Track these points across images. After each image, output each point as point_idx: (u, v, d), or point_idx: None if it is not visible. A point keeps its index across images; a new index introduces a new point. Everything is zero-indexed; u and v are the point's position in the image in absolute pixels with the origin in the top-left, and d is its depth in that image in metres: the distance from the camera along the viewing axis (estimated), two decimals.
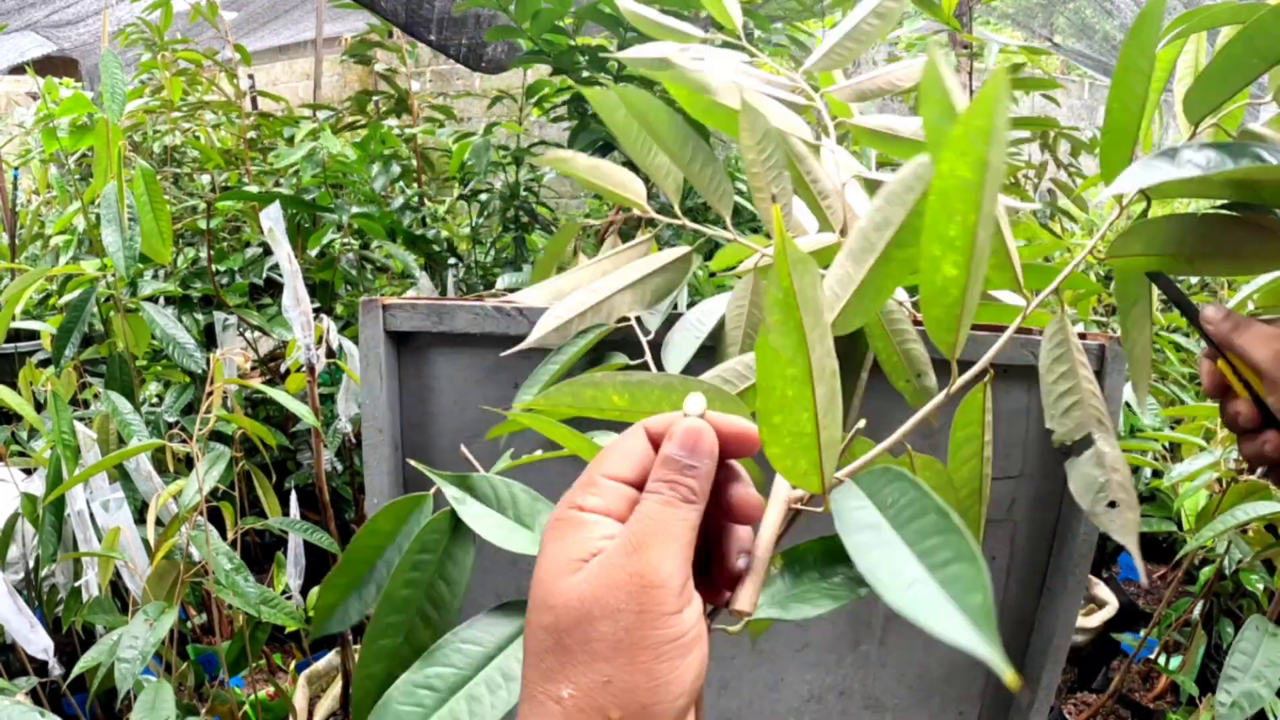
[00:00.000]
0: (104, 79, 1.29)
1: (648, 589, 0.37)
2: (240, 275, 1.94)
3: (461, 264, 2.24)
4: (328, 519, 1.40)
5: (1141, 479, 2.11)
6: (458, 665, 0.47)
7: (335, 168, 1.91)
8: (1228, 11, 0.64)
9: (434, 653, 0.47)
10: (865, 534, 0.37)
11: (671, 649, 0.37)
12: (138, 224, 1.32)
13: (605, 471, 0.41)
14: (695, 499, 0.40)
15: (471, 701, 0.45)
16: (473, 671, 0.46)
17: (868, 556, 0.36)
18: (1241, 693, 0.88)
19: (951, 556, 0.35)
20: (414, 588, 0.51)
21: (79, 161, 2.30)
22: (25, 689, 1.20)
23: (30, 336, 2.06)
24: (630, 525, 0.39)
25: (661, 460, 0.41)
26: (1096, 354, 0.85)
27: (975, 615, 0.32)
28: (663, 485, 0.40)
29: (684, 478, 0.40)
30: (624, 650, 0.37)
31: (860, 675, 0.98)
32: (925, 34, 2.15)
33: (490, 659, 0.47)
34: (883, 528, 0.37)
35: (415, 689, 0.46)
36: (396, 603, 0.51)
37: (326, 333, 1.38)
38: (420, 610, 0.51)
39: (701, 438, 0.41)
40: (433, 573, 0.51)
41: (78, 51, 3.88)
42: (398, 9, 2.08)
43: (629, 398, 0.52)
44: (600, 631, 0.37)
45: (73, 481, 1.13)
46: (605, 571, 0.38)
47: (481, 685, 0.46)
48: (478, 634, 0.48)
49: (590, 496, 0.41)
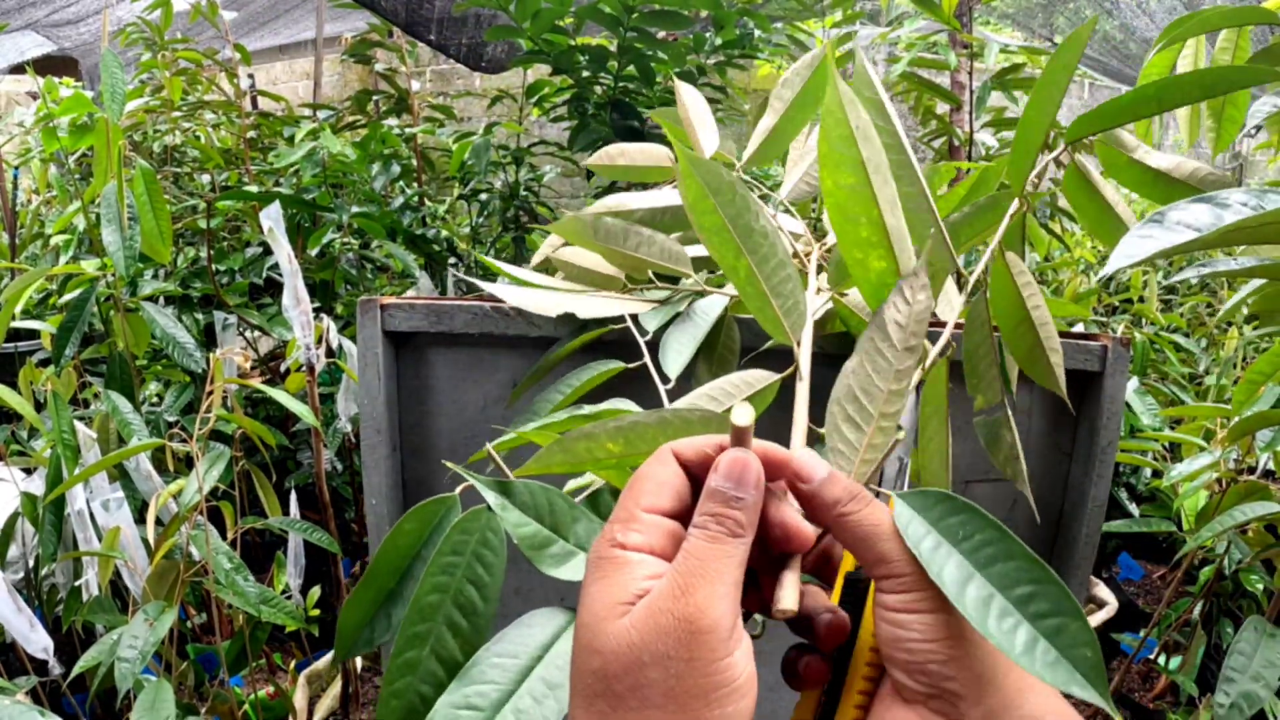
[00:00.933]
0: (104, 78, 1.29)
1: (697, 634, 0.36)
2: (240, 275, 1.94)
3: (462, 264, 2.24)
4: (327, 518, 1.40)
5: (1141, 479, 2.11)
6: (497, 681, 0.44)
7: (335, 167, 1.91)
8: (1220, 15, 0.65)
9: (469, 670, 0.45)
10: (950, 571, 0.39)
11: (723, 695, 0.37)
12: (138, 223, 1.32)
13: (644, 505, 0.40)
14: (743, 532, 0.39)
15: (519, 714, 0.43)
16: (514, 685, 0.44)
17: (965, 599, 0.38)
18: (1240, 693, 0.88)
19: (1050, 609, 0.37)
20: (441, 593, 0.48)
21: (79, 161, 2.30)
22: (25, 688, 1.20)
23: (30, 336, 2.06)
24: (677, 566, 0.38)
25: (707, 494, 0.40)
26: (1098, 355, 0.85)
27: (1087, 670, 0.36)
28: (709, 520, 0.39)
29: (731, 510, 0.39)
30: (675, 698, 0.36)
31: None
32: (925, 34, 2.15)
33: (529, 671, 0.45)
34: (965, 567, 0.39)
35: (456, 711, 0.43)
36: (424, 610, 0.48)
37: (326, 332, 1.38)
38: (447, 618, 0.48)
39: (748, 468, 0.40)
40: (461, 577, 0.49)
41: (78, 51, 3.88)
42: (398, 9, 2.08)
43: (623, 443, 0.50)
44: (650, 678, 0.36)
45: (73, 481, 1.13)
46: (653, 616, 0.37)
47: (526, 697, 0.44)
48: (511, 647, 0.46)
49: (632, 533, 0.39)
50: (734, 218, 0.52)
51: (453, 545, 0.49)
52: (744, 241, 0.52)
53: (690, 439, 0.42)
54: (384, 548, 0.52)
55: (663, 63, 1.77)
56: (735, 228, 0.52)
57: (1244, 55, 1.05)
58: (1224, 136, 1.07)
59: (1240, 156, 5.27)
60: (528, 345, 0.88)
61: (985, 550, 0.38)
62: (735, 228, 0.52)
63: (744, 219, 0.52)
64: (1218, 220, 0.47)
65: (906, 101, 2.23)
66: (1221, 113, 1.06)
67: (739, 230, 0.52)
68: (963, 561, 0.38)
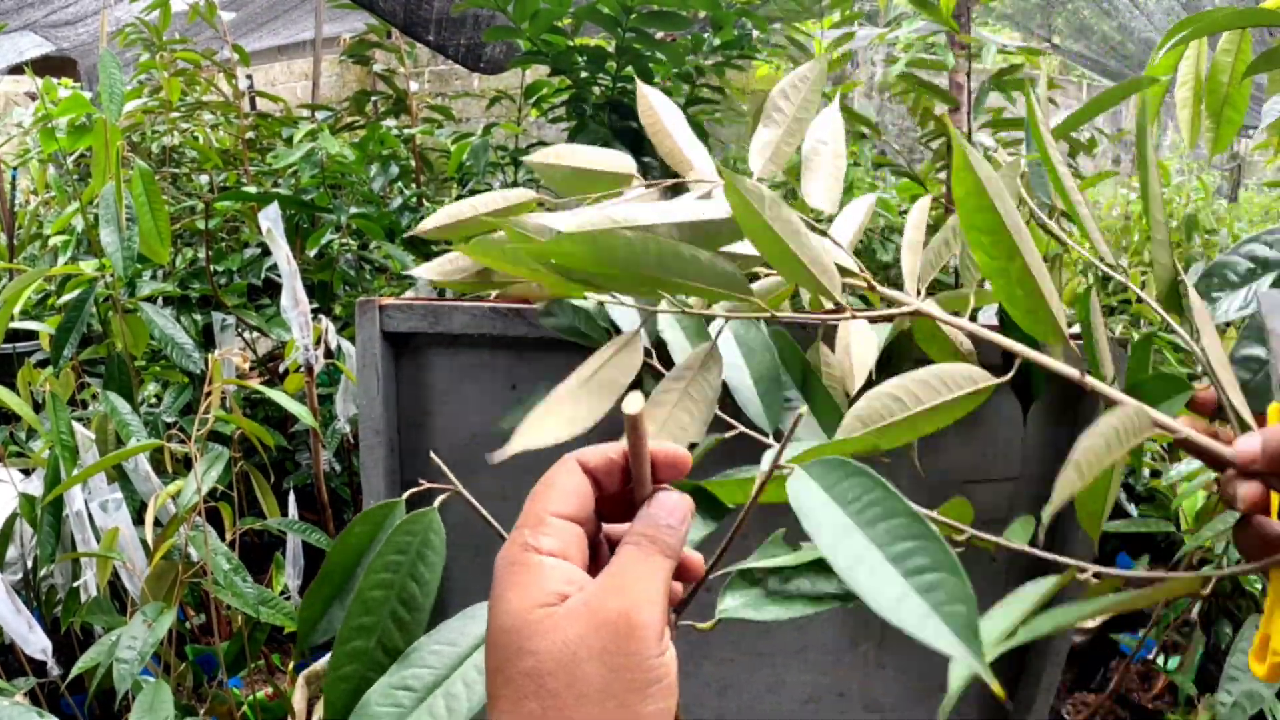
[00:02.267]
0: (102, 79, 1.29)
1: (635, 629, 0.38)
2: (239, 275, 1.94)
3: None
4: (326, 519, 1.40)
5: (1140, 479, 2.11)
6: (433, 665, 0.48)
7: (334, 168, 1.91)
8: (1227, 16, 0.65)
9: (409, 655, 0.49)
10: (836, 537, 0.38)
11: (656, 691, 0.38)
12: (136, 224, 1.32)
13: (552, 510, 0.42)
14: (672, 556, 0.42)
15: (449, 698, 0.47)
16: (448, 671, 0.48)
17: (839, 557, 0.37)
18: (1243, 693, 0.88)
19: (929, 564, 0.36)
20: (386, 589, 0.52)
21: (77, 162, 2.29)
22: (24, 689, 1.20)
23: (29, 337, 2.05)
24: (611, 569, 0.40)
25: (644, 516, 0.42)
26: None
27: (959, 627, 0.33)
28: (643, 538, 0.41)
29: (664, 536, 0.42)
30: (614, 693, 0.37)
31: (859, 676, 0.98)
32: (923, 34, 2.15)
33: (465, 658, 0.48)
34: (851, 530, 0.38)
35: (393, 690, 0.47)
36: (369, 604, 0.52)
37: (325, 333, 1.38)
38: (392, 611, 0.52)
39: (683, 507, 0.43)
40: (405, 574, 0.52)
41: (76, 51, 3.88)
42: (396, 9, 2.08)
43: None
44: (586, 672, 0.37)
45: (71, 482, 1.13)
46: (591, 613, 0.38)
47: (459, 682, 0.47)
48: (451, 635, 0.49)
49: (543, 537, 0.41)
50: (1007, 213, 0.49)
51: (397, 545, 0.52)
52: (1019, 239, 0.49)
53: (598, 447, 0.45)
54: (336, 547, 0.56)
55: (661, 63, 1.77)
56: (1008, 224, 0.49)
57: (1246, 57, 1.05)
58: (1222, 137, 1.07)
59: (1238, 157, 5.28)
60: (527, 346, 0.88)
61: (871, 510, 0.39)
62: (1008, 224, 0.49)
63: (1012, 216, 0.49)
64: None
65: (905, 102, 2.23)
66: (1220, 114, 1.06)
67: (1012, 226, 0.49)
68: (845, 519, 0.39)
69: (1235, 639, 0.95)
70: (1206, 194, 3.30)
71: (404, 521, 0.53)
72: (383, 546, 0.52)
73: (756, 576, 0.55)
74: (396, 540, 0.52)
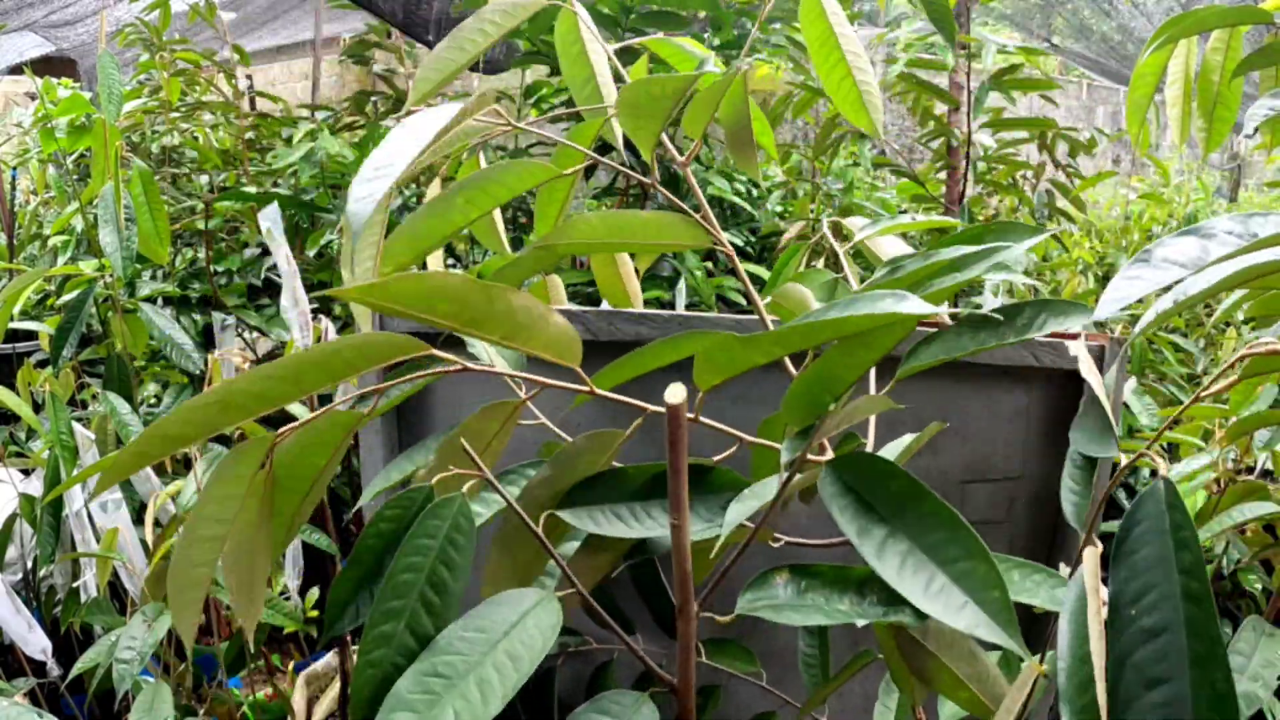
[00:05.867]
0: (101, 80, 1.29)
1: None
2: (238, 276, 1.94)
3: (460, 265, 2.24)
4: (326, 520, 1.39)
5: (1140, 479, 2.11)
6: (464, 653, 0.48)
7: (333, 168, 1.91)
8: (1214, 15, 0.65)
9: (439, 642, 0.49)
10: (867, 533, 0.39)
11: None
12: (135, 224, 1.32)
13: None
14: None
15: (482, 684, 0.47)
16: (481, 657, 0.48)
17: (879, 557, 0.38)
18: (1239, 693, 0.88)
19: (961, 554, 0.37)
20: (416, 572, 0.52)
21: (77, 162, 2.29)
22: (24, 689, 1.20)
23: (28, 337, 2.05)
24: None
25: None
26: (1095, 354, 0.85)
27: (995, 611, 0.35)
28: None
29: None
30: None
31: (858, 676, 0.97)
32: (923, 34, 2.15)
33: (496, 644, 0.49)
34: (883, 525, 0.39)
35: (424, 678, 0.47)
36: (399, 587, 0.52)
37: (324, 333, 1.38)
38: (421, 595, 0.52)
39: None
40: (435, 558, 0.53)
41: (76, 52, 3.87)
42: (395, 9, 2.08)
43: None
44: None
45: (71, 482, 1.13)
46: None
47: (490, 669, 0.48)
48: (481, 622, 0.50)
49: None
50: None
51: (427, 529, 0.53)
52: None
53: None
54: (366, 532, 0.57)
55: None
56: None
57: (1236, 55, 1.05)
58: (1214, 136, 1.07)
59: (1238, 157, 5.28)
60: None
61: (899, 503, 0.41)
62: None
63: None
64: (1204, 254, 0.44)
65: (905, 102, 2.23)
66: (1212, 113, 1.06)
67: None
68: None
69: (1235, 639, 0.95)
70: (1206, 194, 3.31)
71: (434, 505, 0.53)
72: (413, 530, 0.53)
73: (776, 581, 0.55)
74: (427, 525, 0.53)
